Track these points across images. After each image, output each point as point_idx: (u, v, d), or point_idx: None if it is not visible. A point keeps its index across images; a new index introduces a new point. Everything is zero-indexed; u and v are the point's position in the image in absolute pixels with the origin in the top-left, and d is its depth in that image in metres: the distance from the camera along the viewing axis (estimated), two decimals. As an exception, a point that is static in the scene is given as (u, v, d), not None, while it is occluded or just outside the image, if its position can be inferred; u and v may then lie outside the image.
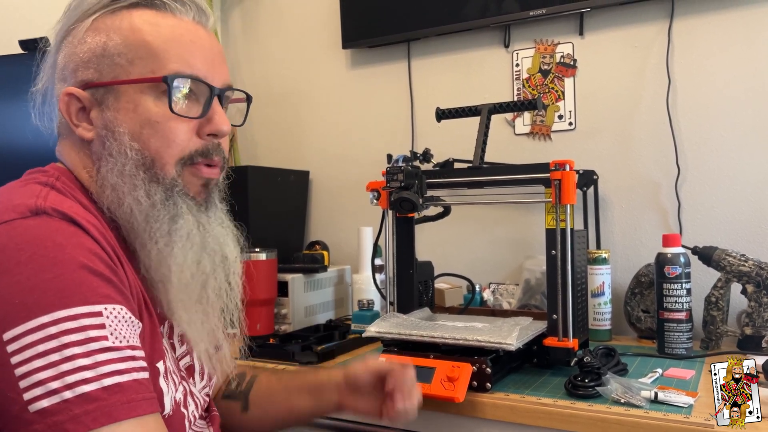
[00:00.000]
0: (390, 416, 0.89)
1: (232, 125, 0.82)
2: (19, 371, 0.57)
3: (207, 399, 0.88)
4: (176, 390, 0.75)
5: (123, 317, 0.63)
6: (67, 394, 0.57)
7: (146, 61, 0.73)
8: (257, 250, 1.45)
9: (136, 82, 0.73)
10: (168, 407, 0.71)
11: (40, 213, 0.65)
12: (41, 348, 0.58)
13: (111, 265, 0.66)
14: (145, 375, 0.64)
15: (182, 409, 0.76)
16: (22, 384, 0.57)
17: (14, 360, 0.58)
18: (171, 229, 0.73)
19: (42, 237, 0.63)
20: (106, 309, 0.62)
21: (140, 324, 0.67)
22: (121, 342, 0.62)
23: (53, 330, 0.58)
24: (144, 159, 0.73)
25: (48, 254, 0.61)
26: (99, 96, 0.74)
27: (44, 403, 0.57)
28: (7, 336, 0.58)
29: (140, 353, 0.64)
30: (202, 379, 0.86)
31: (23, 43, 1.55)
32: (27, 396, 0.57)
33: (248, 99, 0.89)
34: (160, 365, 0.71)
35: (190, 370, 0.83)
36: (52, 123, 0.81)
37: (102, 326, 0.61)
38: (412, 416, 0.90)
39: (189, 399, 0.79)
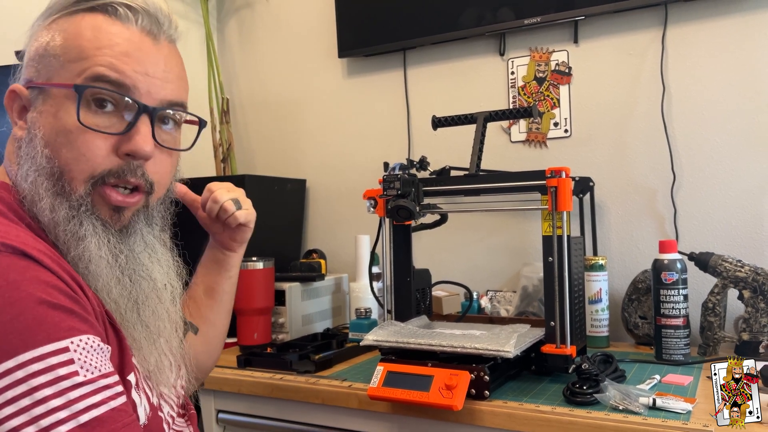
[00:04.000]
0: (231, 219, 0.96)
1: (179, 150, 0.78)
2: None
3: (182, 393, 0.86)
4: (151, 395, 0.74)
5: (91, 346, 0.61)
6: None
7: (76, 66, 0.69)
8: (254, 258, 1.45)
9: (56, 86, 0.70)
10: (143, 417, 0.70)
11: None
12: (10, 394, 0.56)
13: (70, 293, 0.63)
14: (121, 400, 0.62)
15: (159, 414, 0.75)
16: None
17: None
18: (78, 253, 0.69)
19: None
20: (72, 343, 0.60)
21: (109, 347, 0.65)
22: (92, 373, 0.60)
23: (20, 374, 0.56)
24: (52, 169, 0.69)
25: (3, 294, 0.58)
26: (34, 96, 0.72)
27: None
28: None
29: (114, 379, 0.63)
30: (171, 371, 0.82)
31: (19, 54, 1.55)
32: None
33: (200, 124, 0.81)
34: (131, 377, 0.70)
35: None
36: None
37: (70, 362, 0.59)
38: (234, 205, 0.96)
39: (161, 401, 0.77)
